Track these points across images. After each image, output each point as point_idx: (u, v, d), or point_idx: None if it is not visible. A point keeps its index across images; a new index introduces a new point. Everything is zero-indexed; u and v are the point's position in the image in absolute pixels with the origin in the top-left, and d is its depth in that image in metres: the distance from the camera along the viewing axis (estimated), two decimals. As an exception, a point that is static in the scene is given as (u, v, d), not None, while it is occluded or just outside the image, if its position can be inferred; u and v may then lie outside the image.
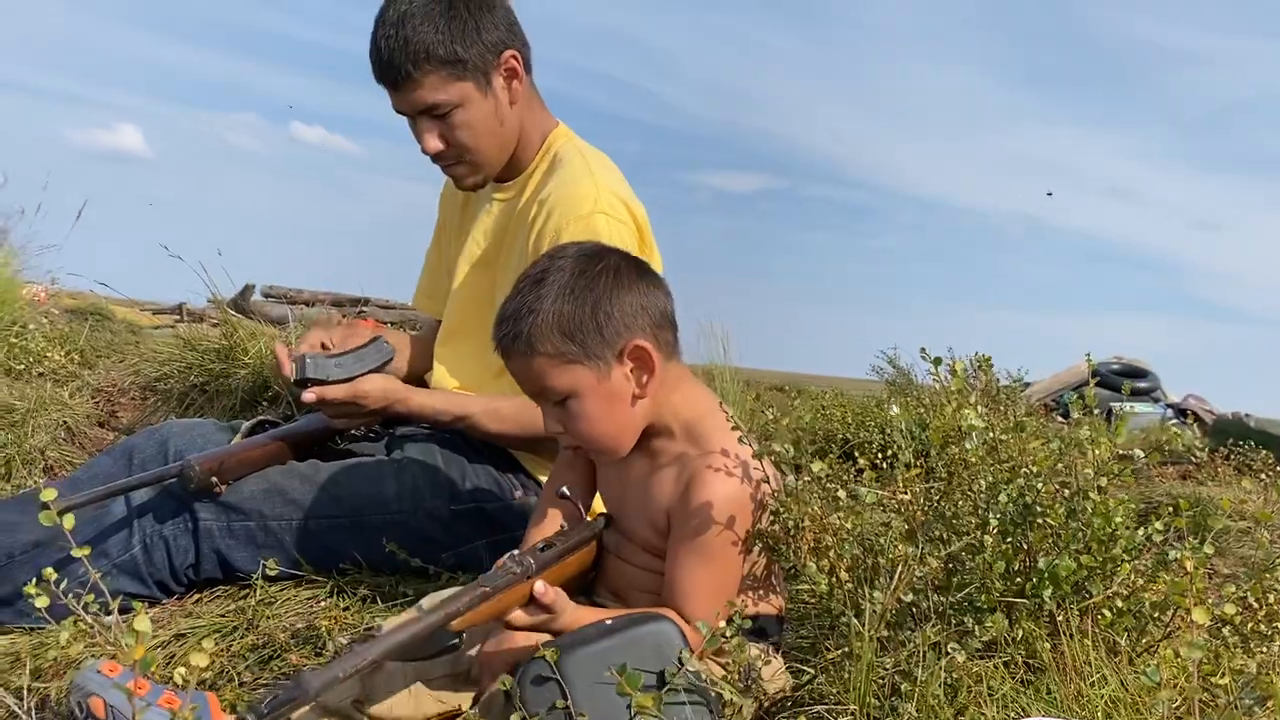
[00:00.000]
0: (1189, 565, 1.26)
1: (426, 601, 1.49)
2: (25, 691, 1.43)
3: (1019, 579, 1.32)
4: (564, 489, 1.53)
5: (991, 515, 1.33)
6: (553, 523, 1.54)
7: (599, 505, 1.58)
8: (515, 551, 1.36)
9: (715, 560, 1.35)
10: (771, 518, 1.36)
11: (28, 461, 2.79)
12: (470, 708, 1.35)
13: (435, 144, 1.92)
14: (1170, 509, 1.36)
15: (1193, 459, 4.25)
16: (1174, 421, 6.90)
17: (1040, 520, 1.31)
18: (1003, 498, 1.33)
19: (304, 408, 1.88)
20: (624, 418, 1.39)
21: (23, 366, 3.76)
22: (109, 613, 1.53)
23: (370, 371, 1.89)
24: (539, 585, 1.30)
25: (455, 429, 1.99)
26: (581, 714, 1.15)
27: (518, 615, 1.30)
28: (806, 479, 1.35)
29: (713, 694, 1.22)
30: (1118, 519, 1.30)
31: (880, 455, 1.72)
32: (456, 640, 1.24)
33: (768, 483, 1.36)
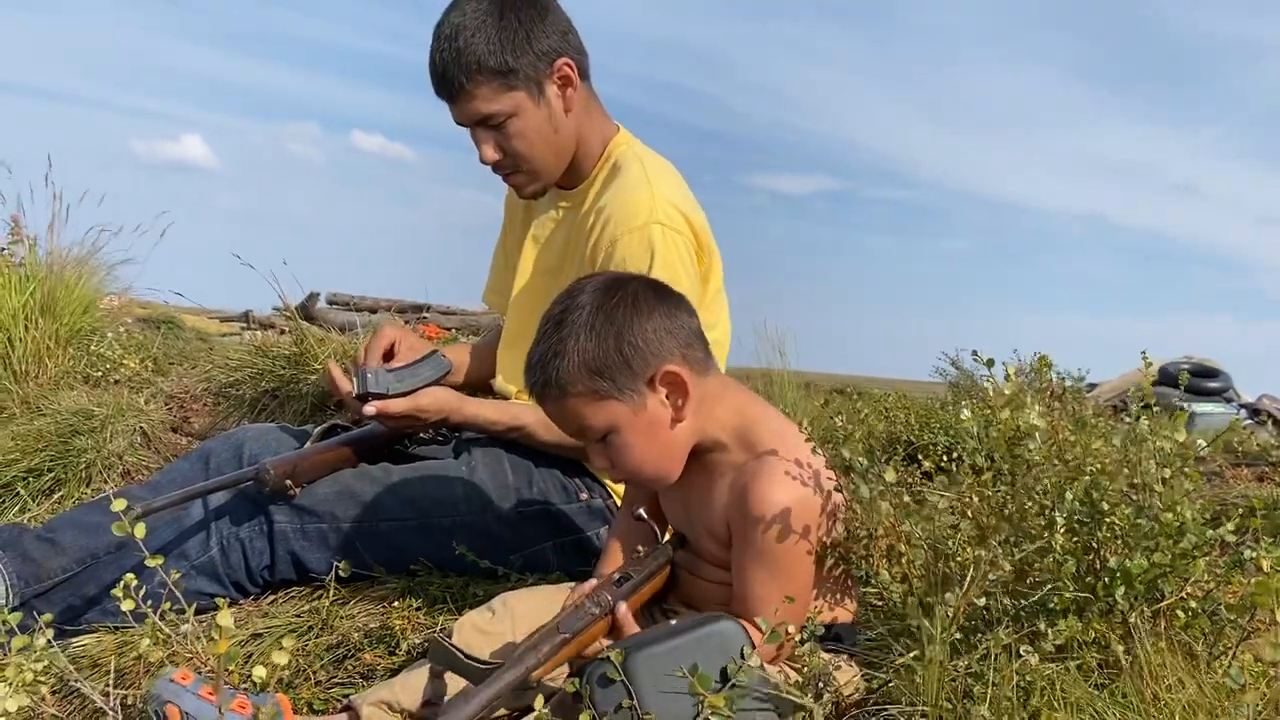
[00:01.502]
0: (1265, 564, 1.23)
1: (498, 602, 1.51)
2: (110, 691, 1.48)
3: (1089, 578, 1.30)
4: (639, 511, 1.54)
5: (1058, 515, 1.31)
6: (630, 544, 1.55)
7: None
8: (590, 583, 1.37)
9: (778, 565, 1.34)
10: (845, 529, 1.35)
11: (107, 466, 2.86)
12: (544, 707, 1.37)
13: (492, 154, 1.94)
14: (1243, 510, 1.33)
15: (1269, 460, 4.14)
16: (1248, 422, 6.73)
17: (1109, 519, 1.29)
18: (1068, 495, 1.32)
19: (364, 421, 1.92)
20: (667, 443, 1.39)
21: (100, 373, 3.85)
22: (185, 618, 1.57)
23: (428, 385, 1.92)
24: (621, 608, 1.34)
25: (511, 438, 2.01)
26: (647, 713, 1.16)
27: (597, 650, 1.31)
28: (879, 487, 1.34)
29: (782, 693, 1.22)
30: (1186, 513, 1.28)
31: (946, 457, 1.71)
32: (536, 686, 1.26)
33: (839, 491, 1.35)
